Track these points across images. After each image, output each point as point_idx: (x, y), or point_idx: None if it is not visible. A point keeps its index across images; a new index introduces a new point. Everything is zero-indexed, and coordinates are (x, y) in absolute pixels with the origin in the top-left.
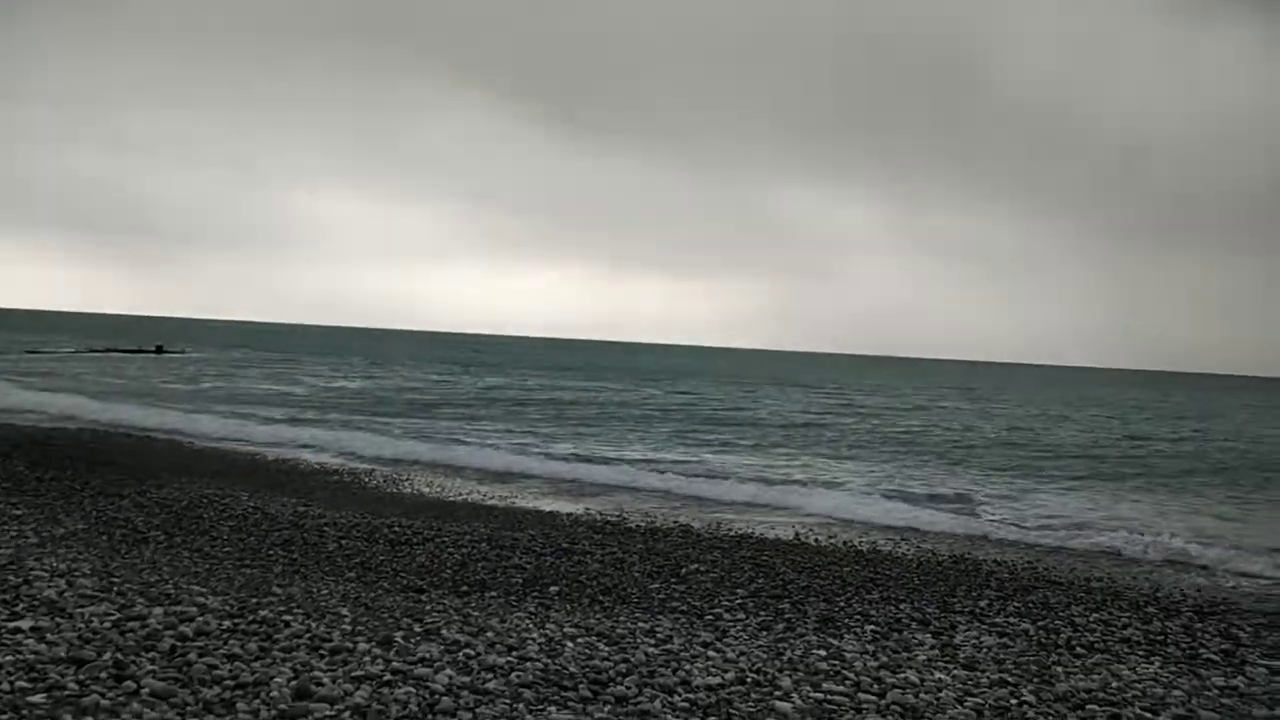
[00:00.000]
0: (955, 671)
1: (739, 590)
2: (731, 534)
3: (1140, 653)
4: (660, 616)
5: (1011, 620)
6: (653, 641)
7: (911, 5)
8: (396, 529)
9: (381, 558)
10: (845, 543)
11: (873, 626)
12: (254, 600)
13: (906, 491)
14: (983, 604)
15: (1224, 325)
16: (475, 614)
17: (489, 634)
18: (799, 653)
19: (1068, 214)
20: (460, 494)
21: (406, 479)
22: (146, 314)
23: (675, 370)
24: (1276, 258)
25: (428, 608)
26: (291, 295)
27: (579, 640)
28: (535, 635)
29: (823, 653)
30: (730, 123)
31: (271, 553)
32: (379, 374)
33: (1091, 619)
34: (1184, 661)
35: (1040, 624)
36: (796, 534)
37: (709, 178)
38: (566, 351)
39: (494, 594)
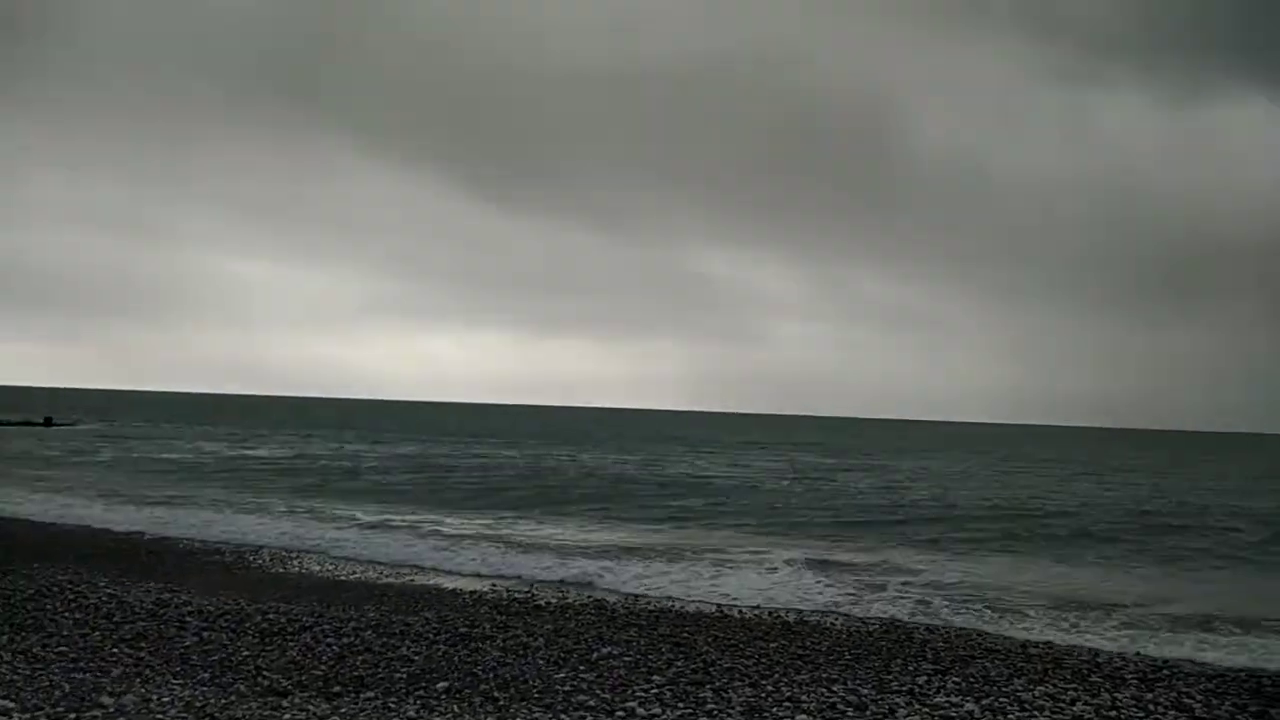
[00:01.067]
0: None
1: (655, 678)
2: (649, 609)
3: None
4: (563, 715)
5: (954, 700)
6: None
7: (829, 77)
8: (271, 616)
9: (246, 653)
10: (771, 614)
11: (804, 717)
12: (71, 716)
13: (830, 561)
14: (920, 680)
15: (1120, 380)
16: None
17: None
18: None
19: (973, 278)
20: (353, 573)
21: (295, 557)
22: (50, 385)
23: (586, 436)
24: (1163, 317)
25: (286, 718)
26: (204, 362)
27: None
28: None
29: None
30: (652, 188)
31: (114, 651)
32: (287, 443)
33: (1037, 693)
34: None
35: (984, 703)
36: (719, 607)
37: (631, 244)
38: (490, 417)
39: (371, 694)
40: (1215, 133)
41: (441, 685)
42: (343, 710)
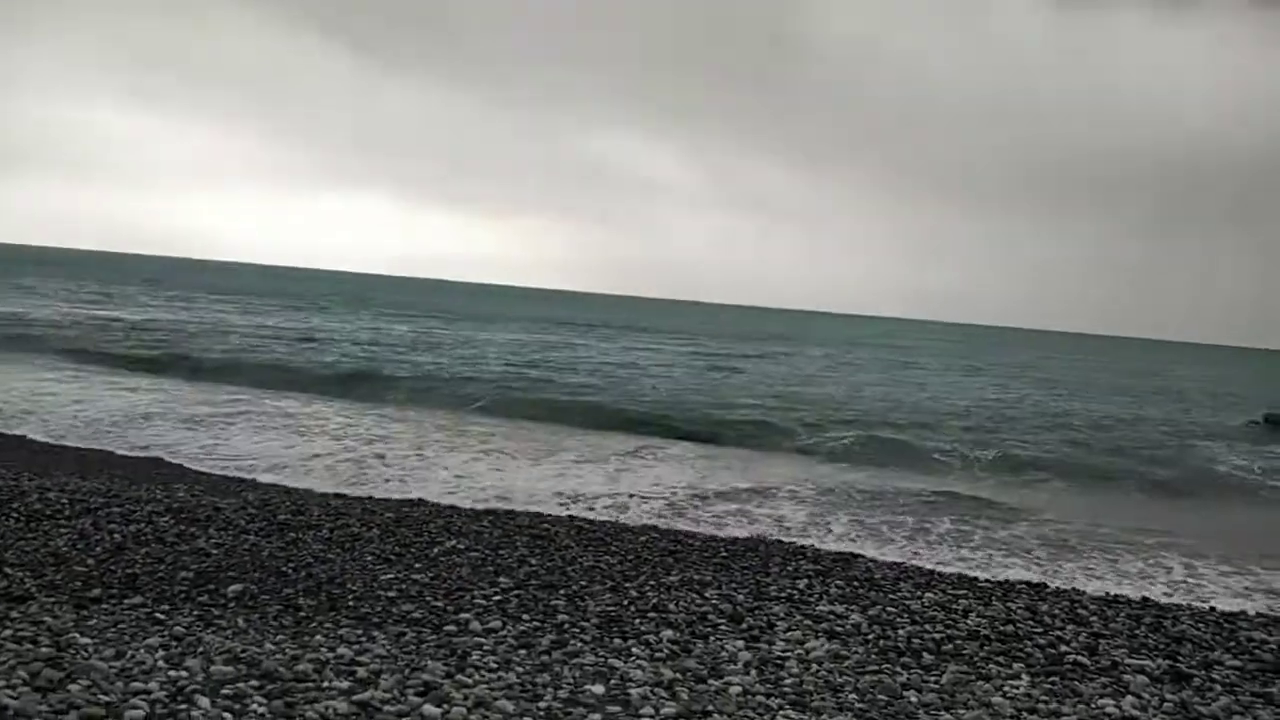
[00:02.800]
0: (784, 712)
1: (501, 580)
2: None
3: (998, 659)
4: (377, 631)
5: (837, 610)
6: (344, 684)
7: None
8: (52, 495)
9: None
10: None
11: (670, 632)
12: None
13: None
14: (801, 584)
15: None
16: (83, 642)
17: (76, 684)
18: (563, 691)
19: (856, 169)
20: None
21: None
22: None
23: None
24: (1031, 216)
25: (5, 633)
26: (60, 217)
27: (224, 690)
28: (153, 683)
29: (598, 689)
30: (543, 62)
31: None
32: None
33: (926, 600)
34: (1051, 670)
35: (870, 613)
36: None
37: (518, 115)
38: (368, 287)
39: (138, 600)
40: (1098, 37)
41: (234, 589)
42: (91, 622)
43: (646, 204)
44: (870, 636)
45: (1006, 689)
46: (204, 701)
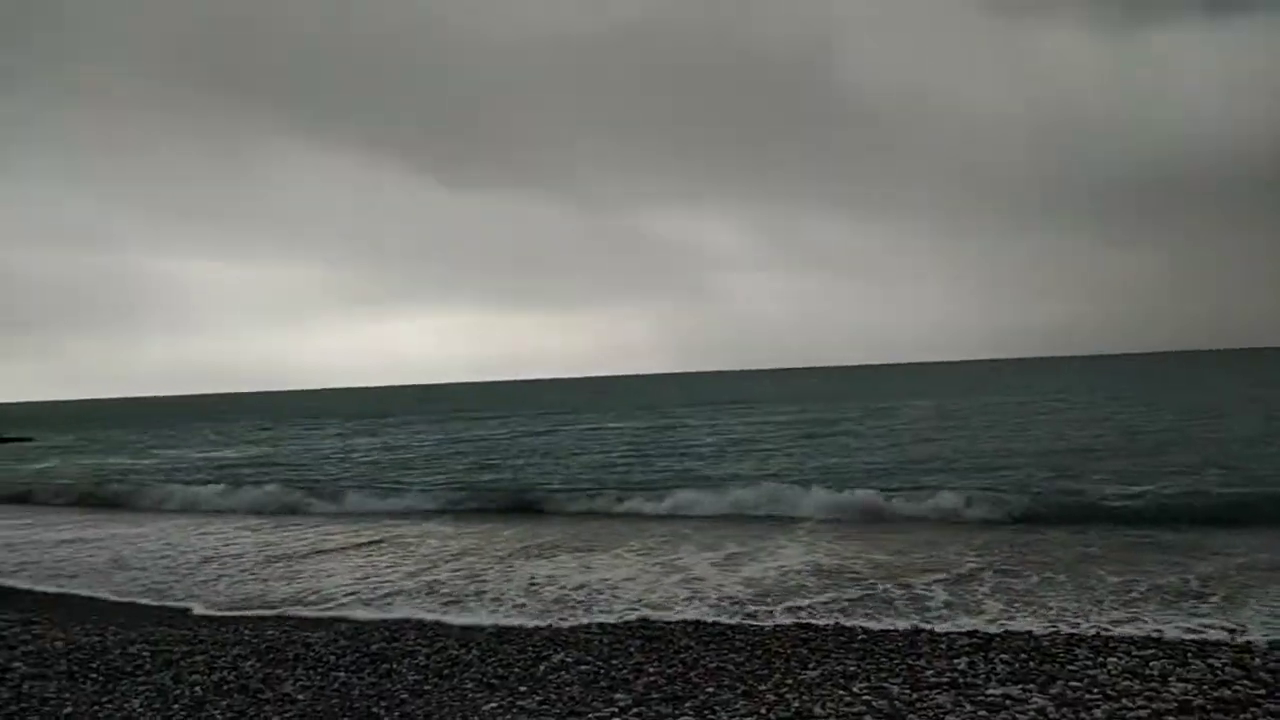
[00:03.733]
0: None
1: (618, 696)
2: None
3: None
4: None
5: (1012, 692)
6: None
7: (769, 25)
8: (135, 649)
9: (68, 709)
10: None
11: None
12: None
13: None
14: (961, 664)
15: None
16: None
17: None
18: None
19: (917, 215)
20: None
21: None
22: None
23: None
24: (1109, 241)
25: None
26: (162, 367)
27: None
28: None
29: None
30: (604, 155)
31: None
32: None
33: (1111, 667)
34: None
35: (1052, 692)
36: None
37: (585, 212)
38: (466, 396)
39: None
40: (1154, 57)
41: None
42: None
43: (712, 275)
44: None
45: None
46: None
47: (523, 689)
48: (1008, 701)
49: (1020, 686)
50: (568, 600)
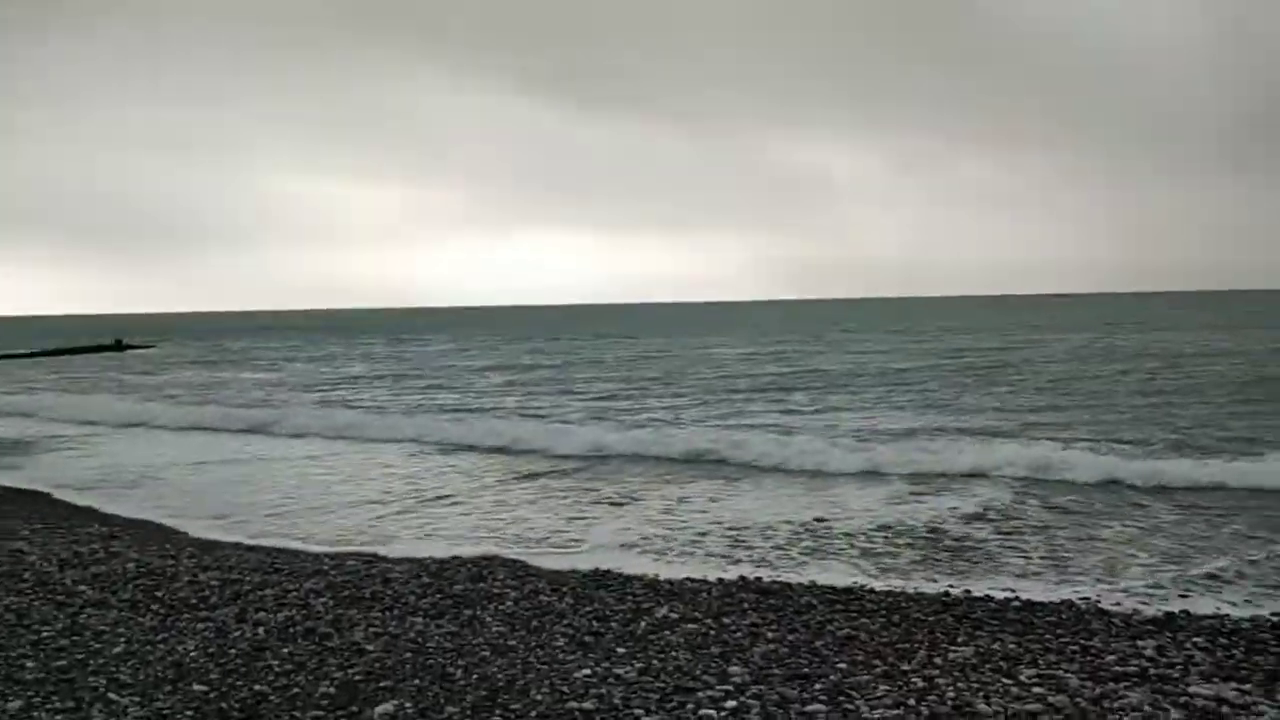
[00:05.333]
0: None
1: (733, 670)
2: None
3: None
4: None
5: (1227, 693)
6: None
7: None
8: (203, 578)
9: (100, 655)
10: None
11: None
12: None
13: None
14: (1148, 650)
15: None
16: None
17: None
18: None
19: (1060, 151)
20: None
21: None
22: (138, 311)
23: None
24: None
25: None
26: (290, 281)
27: None
28: None
29: None
30: (726, 77)
31: None
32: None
33: None
34: None
35: None
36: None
37: (707, 135)
38: (592, 318)
39: None
40: None
41: (382, 712)
42: None
43: (843, 202)
44: None
45: None
46: None
47: (620, 650)
48: (1224, 709)
49: (1234, 686)
50: (672, 542)
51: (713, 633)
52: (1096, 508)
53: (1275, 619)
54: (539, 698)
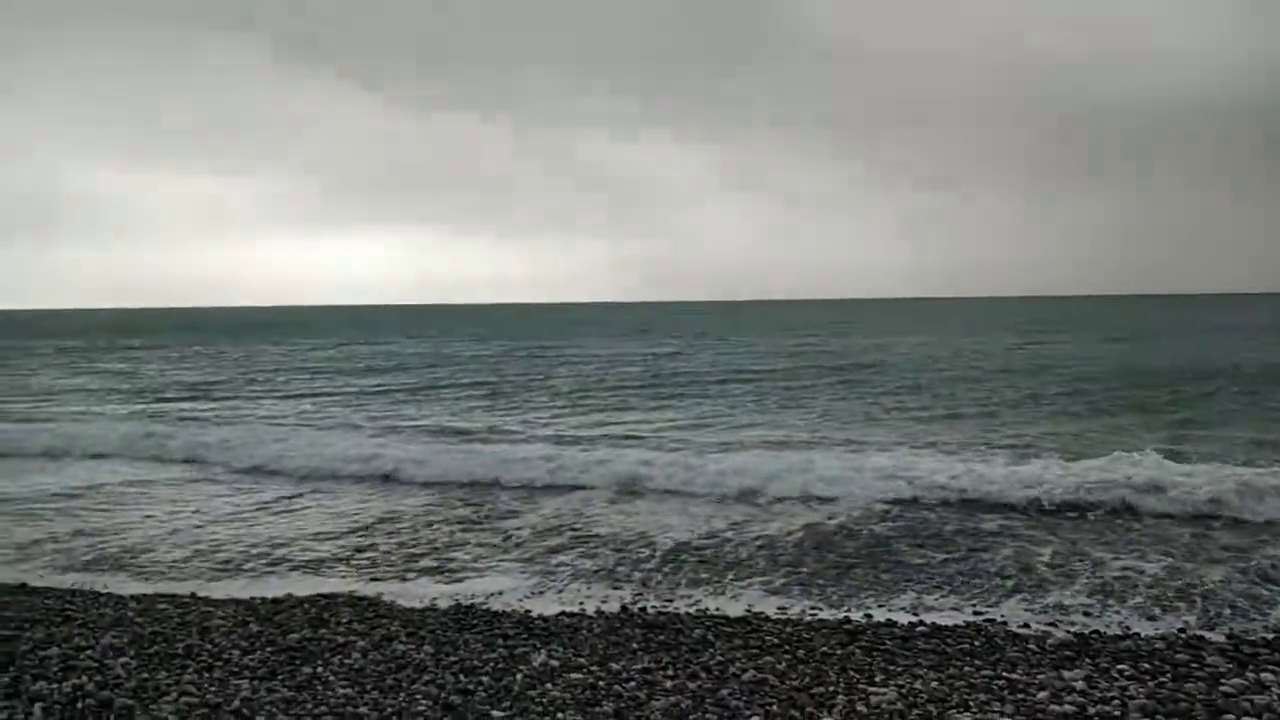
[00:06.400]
0: None
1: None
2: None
3: None
4: None
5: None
6: None
7: None
8: None
9: None
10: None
11: None
12: None
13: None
14: (1098, 689)
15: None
16: None
17: None
18: None
19: (865, 156)
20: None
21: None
22: None
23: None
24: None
25: None
26: (93, 279)
27: None
28: None
29: None
30: (556, 82)
31: None
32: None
33: None
34: None
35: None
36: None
37: (540, 136)
38: (422, 318)
39: None
40: None
41: None
42: None
43: (675, 207)
44: None
45: None
46: None
47: (496, 714)
48: None
49: None
50: (537, 567)
51: (602, 683)
52: (954, 522)
53: (1184, 637)
54: None
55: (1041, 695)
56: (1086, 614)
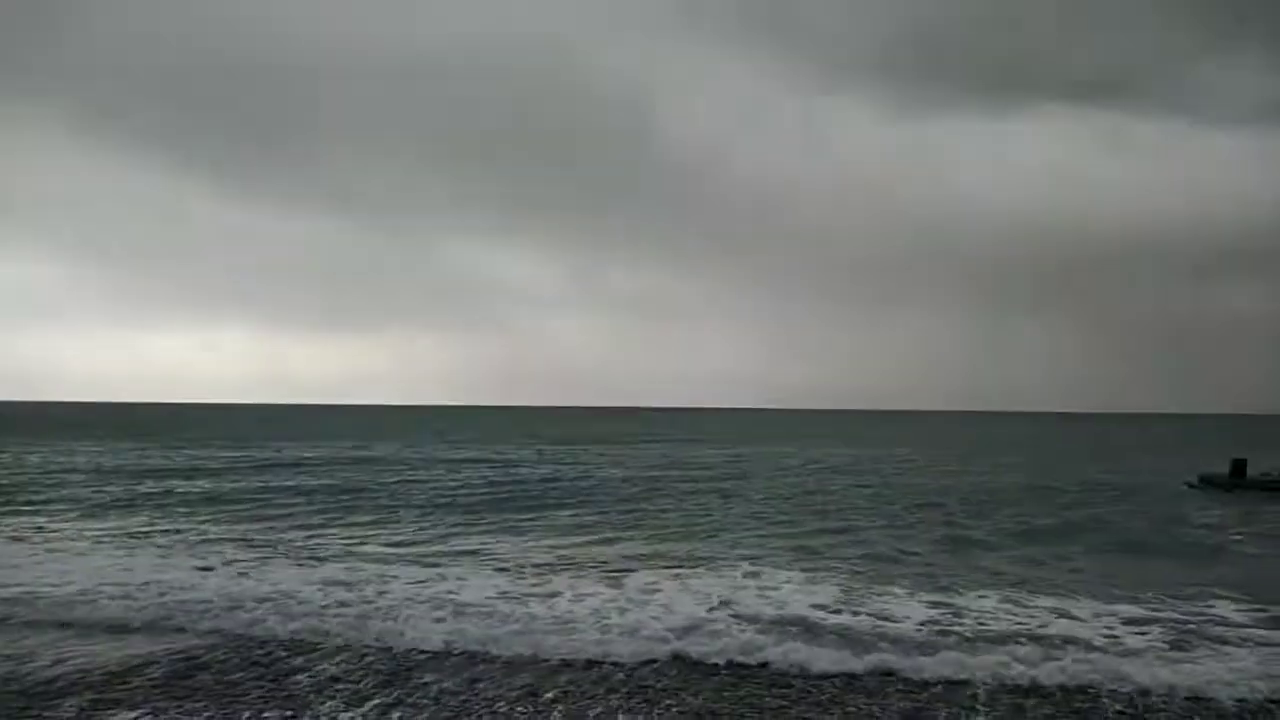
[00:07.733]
0: None
1: None
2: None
3: None
4: None
5: None
6: None
7: (590, 74)
8: None
9: None
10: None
11: None
12: None
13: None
14: None
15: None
16: None
17: None
18: None
19: (718, 268)
20: None
21: None
22: None
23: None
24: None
25: None
26: None
27: None
28: None
29: None
30: (396, 178)
31: None
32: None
33: None
34: None
35: None
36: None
37: (377, 234)
38: (236, 417)
39: None
40: (935, 144)
41: None
42: None
43: (517, 310)
44: None
45: None
46: None
47: None
48: None
49: None
50: None
51: None
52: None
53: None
54: None
55: None
56: None
